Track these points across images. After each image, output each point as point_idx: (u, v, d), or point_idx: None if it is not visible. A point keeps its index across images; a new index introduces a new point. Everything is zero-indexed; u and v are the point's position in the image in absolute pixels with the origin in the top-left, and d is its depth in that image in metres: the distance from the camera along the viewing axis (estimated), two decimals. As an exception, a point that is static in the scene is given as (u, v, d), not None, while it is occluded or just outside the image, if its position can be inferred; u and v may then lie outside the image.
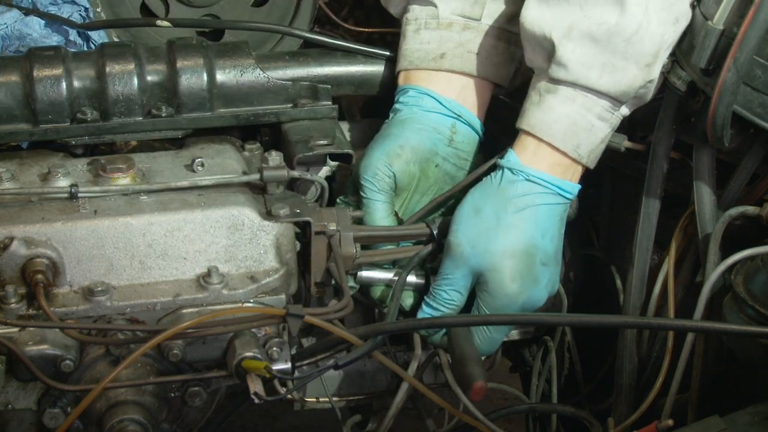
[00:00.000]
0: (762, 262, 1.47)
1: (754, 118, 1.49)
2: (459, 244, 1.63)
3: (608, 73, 1.56)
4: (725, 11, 1.48)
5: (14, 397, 1.52)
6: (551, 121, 1.61)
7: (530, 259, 1.63)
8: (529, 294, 1.64)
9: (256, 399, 1.45)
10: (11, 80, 1.67)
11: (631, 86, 1.57)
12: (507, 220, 1.62)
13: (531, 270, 1.63)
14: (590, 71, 1.56)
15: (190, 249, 1.56)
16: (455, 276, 1.65)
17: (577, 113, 1.60)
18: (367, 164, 1.71)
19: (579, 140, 1.61)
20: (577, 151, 1.62)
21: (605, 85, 1.57)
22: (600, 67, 1.56)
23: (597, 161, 1.66)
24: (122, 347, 1.51)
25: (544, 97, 1.61)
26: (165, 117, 1.72)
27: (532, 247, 1.63)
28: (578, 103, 1.59)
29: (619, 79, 1.56)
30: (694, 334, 1.56)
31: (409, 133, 1.73)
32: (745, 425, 1.37)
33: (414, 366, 1.66)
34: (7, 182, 1.59)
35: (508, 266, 1.62)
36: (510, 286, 1.62)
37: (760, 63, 1.46)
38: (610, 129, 1.63)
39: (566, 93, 1.59)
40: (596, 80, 1.57)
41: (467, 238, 1.63)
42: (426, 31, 1.76)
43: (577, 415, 1.81)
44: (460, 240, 1.64)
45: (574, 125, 1.60)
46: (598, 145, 1.64)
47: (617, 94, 1.58)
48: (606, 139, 1.65)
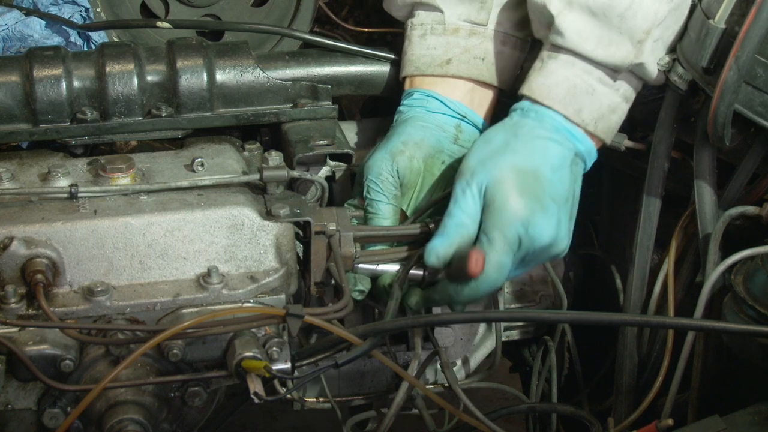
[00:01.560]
0: (762, 262, 1.47)
1: (755, 117, 1.49)
2: (469, 165, 1.62)
3: (603, 46, 1.59)
4: (727, 10, 1.49)
5: (14, 397, 1.52)
6: (551, 85, 1.62)
7: (537, 181, 1.60)
8: (534, 216, 1.58)
9: (256, 399, 1.45)
10: (11, 80, 1.67)
11: (623, 61, 1.59)
12: (517, 144, 1.61)
13: (538, 192, 1.59)
14: (586, 42, 1.59)
15: (190, 249, 1.56)
16: (466, 198, 1.61)
17: (577, 76, 1.61)
18: (371, 164, 1.71)
19: (580, 104, 1.61)
20: (580, 115, 1.62)
21: (600, 56, 1.60)
22: (596, 39, 1.59)
23: (612, 134, 1.66)
24: (122, 347, 1.51)
25: (546, 63, 1.63)
26: (165, 117, 1.72)
27: (539, 172, 1.60)
28: (578, 67, 1.61)
29: (613, 52, 1.59)
30: (694, 333, 1.56)
31: (412, 129, 1.73)
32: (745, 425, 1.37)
33: (414, 366, 1.66)
34: (7, 182, 1.59)
35: (514, 180, 1.59)
36: (514, 199, 1.58)
37: (762, 62, 1.46)
38: (619, 98, 1.64)
39: (566, 58, 1.62)
40: (592, 51, 1.60)
41: (477, 159, 1.62)
42: (432, 37, 1.76)
43: (577, 414, 1.81)
44: (470, 162, 1.62)
45: (574, 88, 1.61)
46: (606, 113, 1.63)
47: (612, 66, 1.60)
48: (618, 110, 1.64)
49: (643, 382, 1.70)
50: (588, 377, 1.99)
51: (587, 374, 1.98)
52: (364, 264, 1.68)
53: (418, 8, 1.79)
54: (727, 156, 1.61)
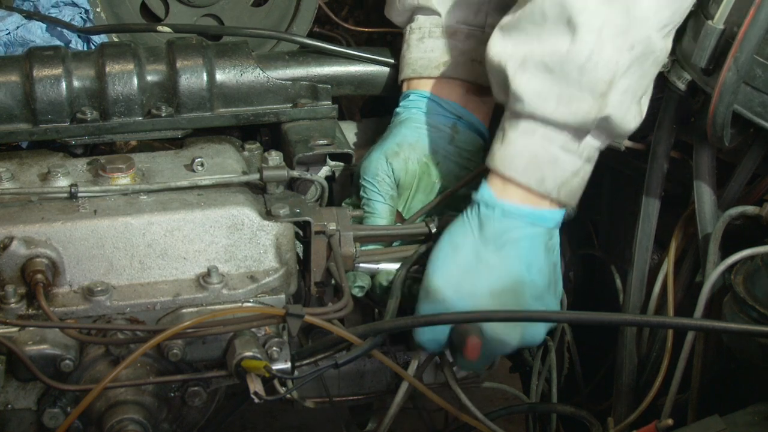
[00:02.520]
0: (762, 262, 1.47)
1: (755, 118, 1.49)
2: (439, 289, 1.57)
3: (564, 103, 1.50)
4: (725, 11, 1.49)
5: (14, 397, 1.52)
6: (512, 156, 1.55)
7: (518, 296, 1.57)
8: (522, 334, 1.59)
9: (255, 399, 1.45)
10: (11, 80, 1.67)
11: (587, 117, 1.50)
12: (488, 259, 1.56)
13: (521, 305, 1.57)
14: (546, 102, 1.51)
15: (189, 249, 1.56)
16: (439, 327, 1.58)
17: (538, 145, 1.53)
18: (367, 165, 1.71)
19: (543, 173, 1.54)
20: (543, 185, 1.55)
21: (562, 116, 1.51)
22: (555, 98, 1.50)
23: (576, 197, 1.59)
24: (122, 347, 1.51)
25: (507, 133, 1.56)
26: (165, 117, 1.72)
27: (519, 283, 1.57)
28: (538, 135, 1.53)
29: (575, 109, 1.50)
30: (693, 333, 1.56)
31: (407, 131, 1.73)
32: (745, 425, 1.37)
33: (414, 365, 1.66)
34: (7, 182, 1.59)
35: (495, 304, 1.56)
36: (500, 328, 1.57)
37: (761, 62, 1.46)
38: (582, 162, 1.55)
39: (526, 126, 1.53)
40: (552, 111, 1.51)
41: (448, 281, 1.57)
42: (430, 40, 1.76)
43: (576, 414, 1.81)
44: (440, 284, 1.57)
45: (536, 158, 1.54)
46: (569, 178, 1.56)
47: (576, 125, 1.51)
48: (580, 173, 1.57)
49: (643, 382, 1.70)
50: (588, 377, 1.99)
51: (587, 374, 1.98)
52: (364, 263, 1.68)
53: (417, 13, 1.79)
54: (726, 156, 1.61)
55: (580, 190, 1.59)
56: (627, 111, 1.52)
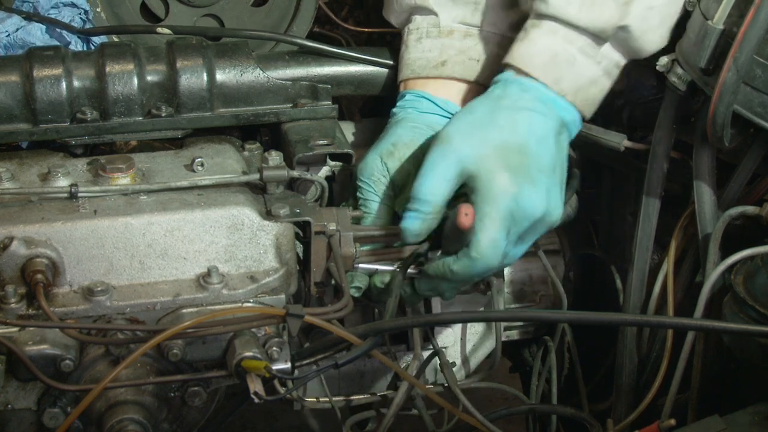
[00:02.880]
0: (762, 262, 1.47)
1: (754, 118, 1.49)
2: (449, 134, 1.60)
3: (587, 7, 1.57)
4: (725, 11, 1.48)
5: (14, 397, 1.52)
6: (532, 53, 1.61)
7: (522, 155, 1.58)
8: (522, 190, 1.56)
9: (255, 399, 1.45)
10: (11, 80, 1.67)
11: (608, 23, 1.58)
12: (501, 117, 1.60)
13: (523, 166, 1.57)
14: (569, 5, 1.58)
15: (189, 249, 1.56)
16: (441, 165, 1.59)
17: (559, 45, 1.60)
18: (362, 165, 1.72)
19: (560, 73, 1.60)
20: (559, 84, 1.61)
21: (584, 20, 1.58)
22: (579, 2, 1.58)
23: (592, 108, 1.64)
24: (122, 347, 1.51)
25: (529, 32, 1.62)
26: (165, 117, 1.72)
27: (525, 146, 1.58)
28: (560, 35, 1.60)
29: (597, 15, 1.57)
30: (694, 333, 1.56)
31: (402, 131, 1.74)
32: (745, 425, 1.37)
33: (414, 366, 1.66)
34: (7, 182, 1.59)
35: (499, 157, 1.57)
36: (502, 175, 1.56)
37: (760, 62, 1.46)
38: (600, 71, 1.62)
39: (549, 26, 1.60)
40: (575, 14, 1.58)
41: (459, 130, 1.60)
42: (428, 40, 1.77)
43: (577, 416, 1.81)
44: (450, 131, 1.61)
45: (555, 57, 1.60)
46: (585, 85, 1.62)
47: (596, 30, 1.59)
48: (599, 83, 1.63)
49: (643, 382, 1.70)
50: (588, 377, 1.99)
51: (587, 374, 1.98)
52: (364, 264, 1.68)
53: (414, 13, 1.79)
54: (726, 156, 1.61)
55: (597, 103, 1.65)
56: (648, 28, 1.60)
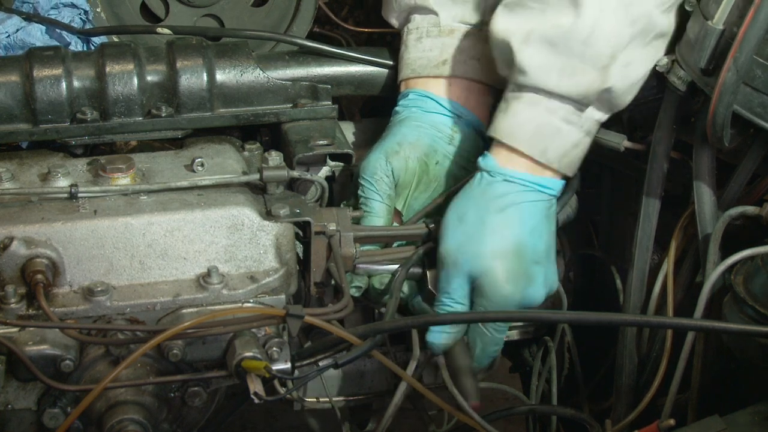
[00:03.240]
0: (762, 262, 1.47)
1: (754, 118, 1.49)
2: (448, 253, 1.63)
3: (567, 76, 1.56)
4: (725, 11, 1.48)
5: (14, 397, 1.52)
6: (516, 126, 1.61)
7: (520, 258, 1.62)
8: (525, 293, 1.63)
9: (255, 399, 1.45)
10: (11, 80, 1.67)
11: (589, 89, 1.57)
12: (491, 221, 1.61)
13: (523, 269, 1.62)
14: (549, 75, 1.57)
15: (189, 249, 1.56)
16: (453, 287, 1.64)
17: (542, 117, 1.59)
18: (366, 164, 1.72)
19: (545, 144, 1.60)
20: (545, 155, 1.61)
21: (565, 88, 1.57)
22: (558, 71, 1.56)
23: (575, 168, 1.65)
24: (122, 347, 1.51)
25: (510, 103, 1.62)
26: (165, 117, 1.72)
27: (521, 245, 1.62)
28: (542, 106, 1.59)
29: (577, 82, 1.56)
30: (694, 334, 1.56)
31: (407, 130, 1.74)
32: (745, 425, 1.37)
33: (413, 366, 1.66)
34: (7, 182, 1.59)
35: (499, 267, 1.61)
36: (504, 287, 1.61)
37: (760, 63, 1.46)
38: (582, 134, 1.62)
39: (530, 97, 1.60)
40: (556, 84, 1.57)
41: (455, 245, 1.63)
42: (428, 39, 1.77)
43: (576, 417, 1.81)
44: (448, 248, 1.63)
45: (539, 129, 1.60)
46: (569, 150, 1.62)
47: (578, 97, 1.58)
48: (580, 145, 1.63)
49: (643, 382, 1.70)
50: (588, 377, 1.99)
51: (587, 374, 1.98)
52: (364, 264, 1.68)
53: (414, 12, 1.79)
54: (726, 156, 1.61)
55: (579, 162, 1.66)
56: (630, 84, 1.59)
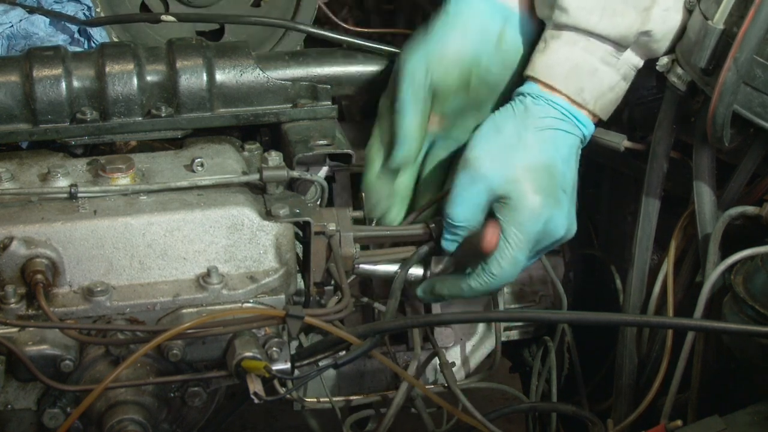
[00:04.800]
0: (762, 262, 1.47)
1: (754, 118, 1.49)
2: (477, 158, 1.62)
3: (608, 16, 1.57)
4: (725, 11, 1.48)
5: (14, 397, 1.52)
6: (554, 64, 1.61)
7: (551, 177, 1.61)
8: (551, 212, 1.61)
9: (255, 399, 1.45)
10: (11, 80, 1.67)
11: (629, 30, 1.58)
12: (528, 138, 1.61)
13: (552, 188, 1.61)
14: (590, 15, 1.58)
15: (189, 249, 1.56)
16: (471, 192, 1.62)
17: (580, 56, 1.60)
18: (405, 68, 1.69)
19: (582, 83, 1.61)
20: (581, 95, 1.61)
21: (605, 29, 1.58)
22: (600, 10, 1.57)
23: (609, 112, 1.65)
24: (122, 347, 1.51)
25: (549, 43, 1.62)
26: (165, 117, 1.71)
27: (553, 167, 1.61)
28: (580, 46, 1.60)
29: (618, 22, 1.57)
30: (693, 334, 1.56)
31: (453, 36, 1.69)
32: (745, 425, 1.37)
33: (413, 366, 1.66)
34: (6, 182, 1.59)
35: (530, 179, 1.60)
36: (533, 198, 1.59)
37: (760, 63, 1.46)
38: (619, 77, 1.63)
39: (569, 37, 1.60)
40: (596, 23, 1.58)
41: (487, 152, 1.62)
42: None
43: (578, 414, 1.81)
44: (478, 154, 1.62)
45: (577, 68, 1.60)
46: (605, 92, 1.63)
47: (617, 38, 1.59)
48: (616, 88, 1.63)
49: (643, 382, 1.70)
50: (588, 377, 1.99)
51: (587, 374, 1.98)
52: (364, 264, 1.68)
53: None
54: (726, 156, 1.61)
55: (613, 107, 1.66)
56: (668, 29, 1.59)
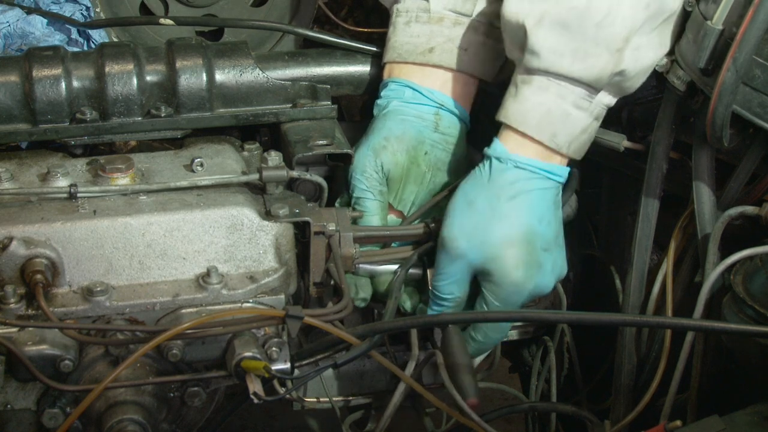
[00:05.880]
0: (761, 262, 1.47)
1: (754, 118, 1.49)
2: (454, 238, 1.63)
3: (580, 59, 1.55)
4: (724, 11, 1.48)
5: (13, 398, 1.52)
6: (526, 111, 1.60)
7: (530, 245, 1.62)
8: (535, 281, 1.63)
9: (255, 399, 1.45)
10: (10, 80, 1.67)
11: (602, 72, 1.56)
12: (501, 209, 1.61)
13: (533, 256, 1.62)
14: (562, 58, 1.56)
15: (189, 249, 1.56)
16: (452, 270, 1.64)
17: (552, 102, 1.59)
18: (355, 162, 1.72)
19: (555, 129, 1.60)
20: (555, 140, 1.60)
21: (577, 72, 1.56)
22: (571, 53, 1.55)
23: (583, 153, 1.65)
24: (121, 347, 1.51)
25: (520, 88, 1.61)
26: (164, 117, 1.72)
27: (530, 233, 1.62)
28: (552, 91, 1.58)
29: (591, 65, 1.55)
30: (693, 334, 1.56)
31: (392, 124, 1.74)
32: (744, 425, 1.37)
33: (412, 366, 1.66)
34: (6, 182, 1.59)
35: (509, 255, 1.61)
36: (515, 273, 1.61)
37: (760, 63, 1.46)
38: (591, 119, 1.62)
39: (540, 82, 1.59)
40: (568, 67, 1.56)
41: (462, 231, 1.62)
42: (416, 25, 1.76)
43: (578, 413, 1.81)
44: (455, 234, 1.63)
45: (549, 114, 1.59)
46: (578, 135, 1.62)
47: (590, 81, 1.57)
48: (589, 129, 1.63)
49: (642, 382, 1.70)
50: (587, 377, 1.99)
51: (586, 374, 1.98)
52: (364, 264, 1.68)
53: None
54: (726, 156, 1.61)
55: (586, 147, 1.66)
56: (641, 67, 1.59)
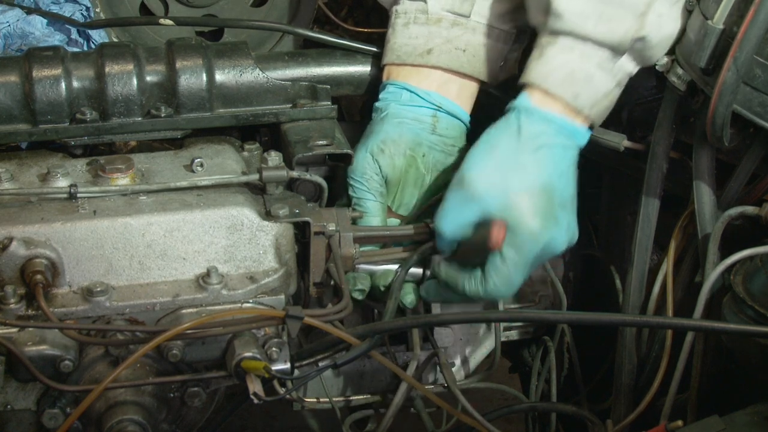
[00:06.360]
0: (761, 262, 1.47)
1: (754, 118, 1.49)
2: (473, 179, 1.61)
3: (603, 22, 1.56)
4: (725, 11, 1.48)
5: (13, 398, 1.52)
6: (550, 70, 1.60)
7: (549, 198, 1.60)
8: (551, 233, 1.60)
9: (255, 399, 1.45)
10: (10, 80, 1.67)
11: (625, 36, 1.56)
12: (524, 159, 1.60)
13: (550, 209, 1.60)
14: (586, 20, 1.57)
15: (189, 249, 1.56)
16: (463, 210, 1.62)
17: (576, 62, 1.59)
18: (354, 165, 1.72)
19: (578, 89, 1.60)
20: (577, 100, 1.60)
21: (601, 35, 1.57)
22: (596, 16, 1.56)
23: (602, 118, 1.65)
24: (121, 348, 1.51)
25: (545, 49, 1.61)
26: (164, 117, 1.72)
27: (550, 186, 1.61)
28: (576, 52, 1.59)
29: (614, 28, 1.56)
30: (693, 334, 1.56)
31: (389, 127, 1.74)
32: (744, 425, 1.37)
33: (413, 366, 1.66)
34: (6, 182, 1.59)
35: (527, 203, 1.59)
36: (532, 222, 1.59)
37: (760, 62, 1.46)
38: (614, 84, 1.62)
39: (564, 43, 1.59)
40: (592, 29, 1.57)
41: (482, 175, 1.61)
42: (415, 26, 1.76)
43: (578, 413, 1.81)
44: (473, 177, 1.61)
45: (572, 74, 1.59)
46: (600, 99, 1.62)
47: (613, 44, 1.58)
48: (610, 96, 1.63)
49: (642, 382, 1.70)
50: (587, 377, 1.99)
51: (586, 375, 1.98)
52: (364, 264, 1.68)
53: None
54: (726, 156, 1.61)
55: (607, 112, 1.65)
56: (662, 36, 1.59)
